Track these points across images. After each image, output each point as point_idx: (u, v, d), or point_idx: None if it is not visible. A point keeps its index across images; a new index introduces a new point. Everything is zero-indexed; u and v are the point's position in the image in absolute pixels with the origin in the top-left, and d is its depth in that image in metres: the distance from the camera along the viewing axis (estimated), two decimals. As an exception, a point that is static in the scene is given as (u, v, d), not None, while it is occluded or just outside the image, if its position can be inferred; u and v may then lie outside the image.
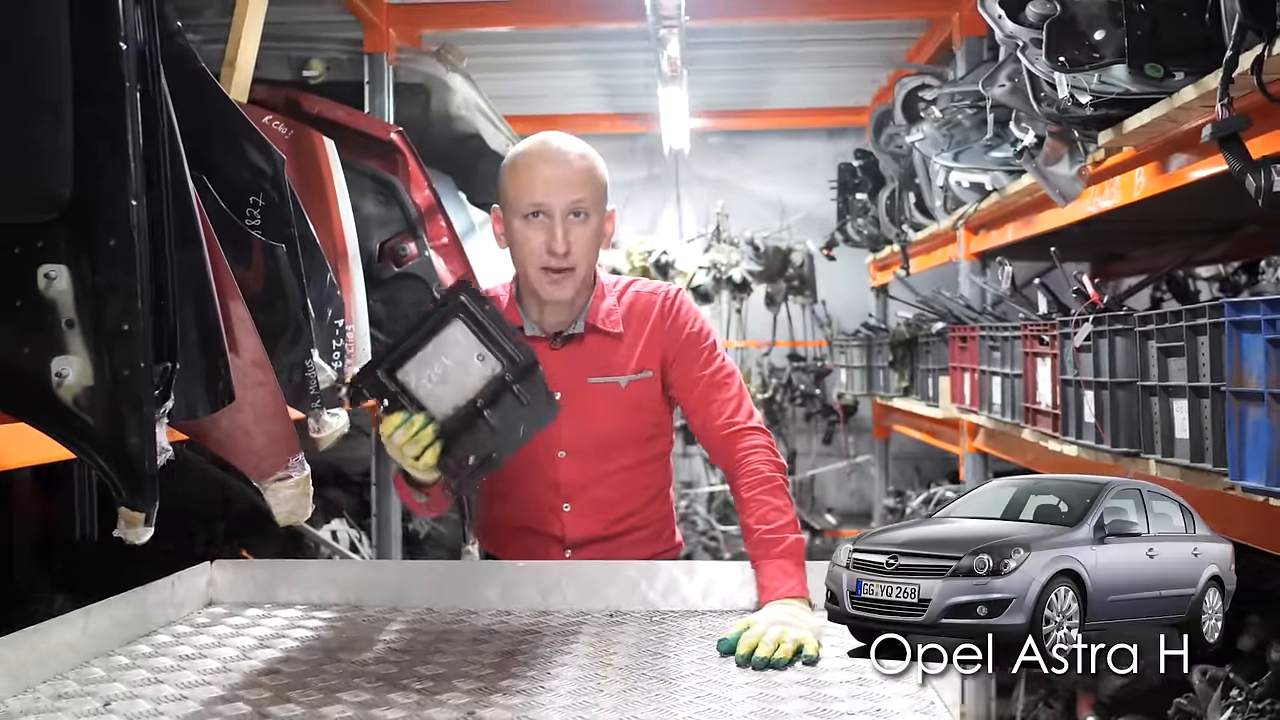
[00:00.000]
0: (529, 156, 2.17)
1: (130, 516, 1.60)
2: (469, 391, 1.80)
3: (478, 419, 1.81)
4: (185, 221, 1.75)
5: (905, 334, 5.68)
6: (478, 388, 1.80)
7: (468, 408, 1.81)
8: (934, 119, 4.03)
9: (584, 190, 2.15)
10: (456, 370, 1.80)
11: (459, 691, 1.61)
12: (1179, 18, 2.33)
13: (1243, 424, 2.00)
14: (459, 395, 1.80)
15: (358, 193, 3.74)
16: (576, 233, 2.14)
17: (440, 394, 1.80)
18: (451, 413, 1.81)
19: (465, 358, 1.80)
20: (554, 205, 2.13)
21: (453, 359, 1.80)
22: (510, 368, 1.80)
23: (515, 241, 2.17)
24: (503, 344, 1.80)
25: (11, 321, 1.54)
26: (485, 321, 1.79)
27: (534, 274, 2.16)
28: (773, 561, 1.99)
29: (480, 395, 1.80)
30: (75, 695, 1.60)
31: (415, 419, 1.80)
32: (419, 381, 1.80)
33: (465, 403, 1.81)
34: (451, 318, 1.79)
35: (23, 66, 1.49)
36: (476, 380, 1.80)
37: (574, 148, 2.19)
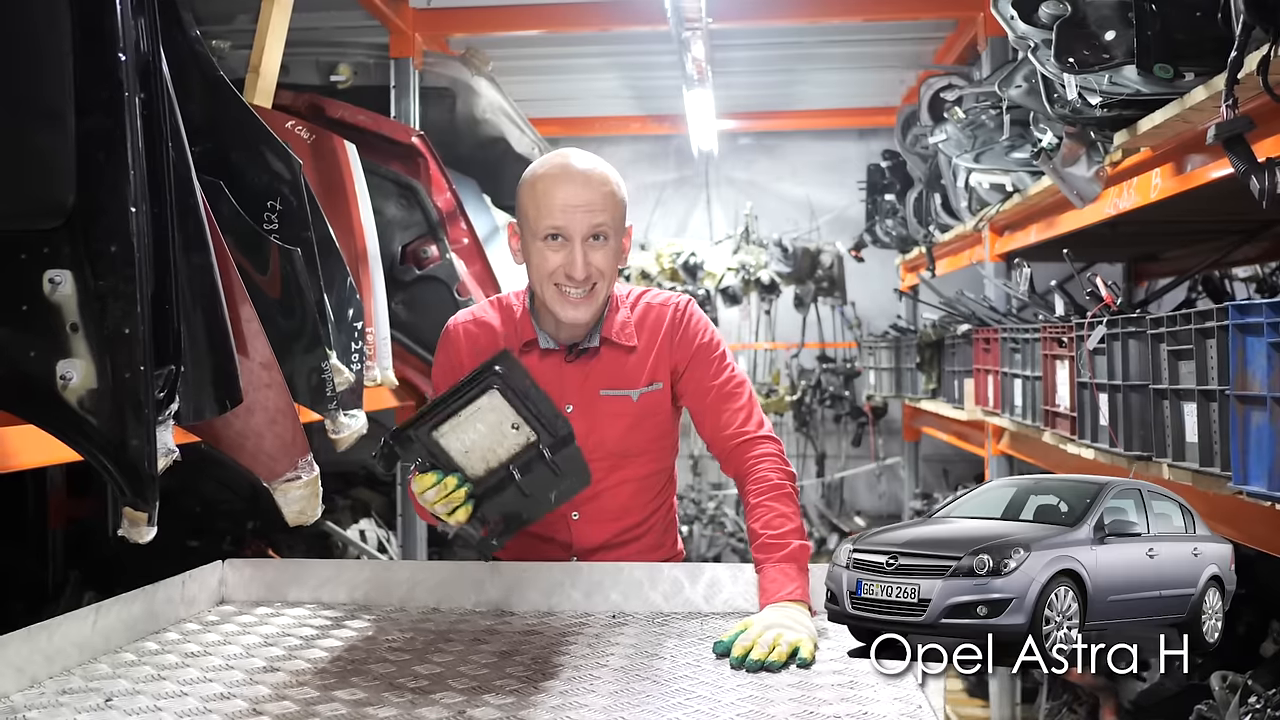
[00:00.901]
0: (548, 179, 2.15)
1: (134, 516, 1.64)
2: (503, 456, 1.81)
3: (510, 483, 1.81)
4: (192, 227, 1.78)
5: (932, 336, 5.65)
6: (512, 454, 1.81)
7: (501, 469, 1.81)
8: (957, 119, 4.01)
9: (604, 214, 2.14)
10: (491, 436, 1.80)
11: (453, 691, 1.63)
12: (1189, 18, 2.31)
13: (1246, 428, 1.98)
14: (493, 457, 1.81)
15: (380, 196, 3.79)
16: (596, 255, 2.13)
17: (474, 455, 1.81)
18: (484, 474, 1.81)
19: (500, 425, 1.79)
20: (574, 230, 2.12)
21: (488, 425, 1.79)
22: (546, 439, 1.80)
23: (532, 261, 2.16)
24: (540, 416, 1.79)
25: (18, 325, 1.58)
26: (521, 392, 1.79)
27: (551, 293, 2.15)
28: (775, 565, 2.00)
29: (513, 460, 1.80)
30: (79, 691, 1.64)
31: (448, 480, 1.80)
32: (453, 444, 1.80)
33: (499, 464, 1.81)
34: (489, 387, 1.78)
35: (26, 77, 1.52)
36: (511, 447, 1.80)
37: (594, 169, 2.16)
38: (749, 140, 8.34)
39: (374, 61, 4.88)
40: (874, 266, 7.56)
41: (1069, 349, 3.14)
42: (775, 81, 7.02)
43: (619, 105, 7.42)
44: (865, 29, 5.94)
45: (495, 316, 2.28)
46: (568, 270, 2.12)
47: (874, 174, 6.74)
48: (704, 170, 8.35)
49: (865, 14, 5.47)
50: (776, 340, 8.25)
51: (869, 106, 7.44)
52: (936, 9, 5.48)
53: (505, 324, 2.26)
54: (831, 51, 6.39)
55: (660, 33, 5.25)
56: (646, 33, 5.53)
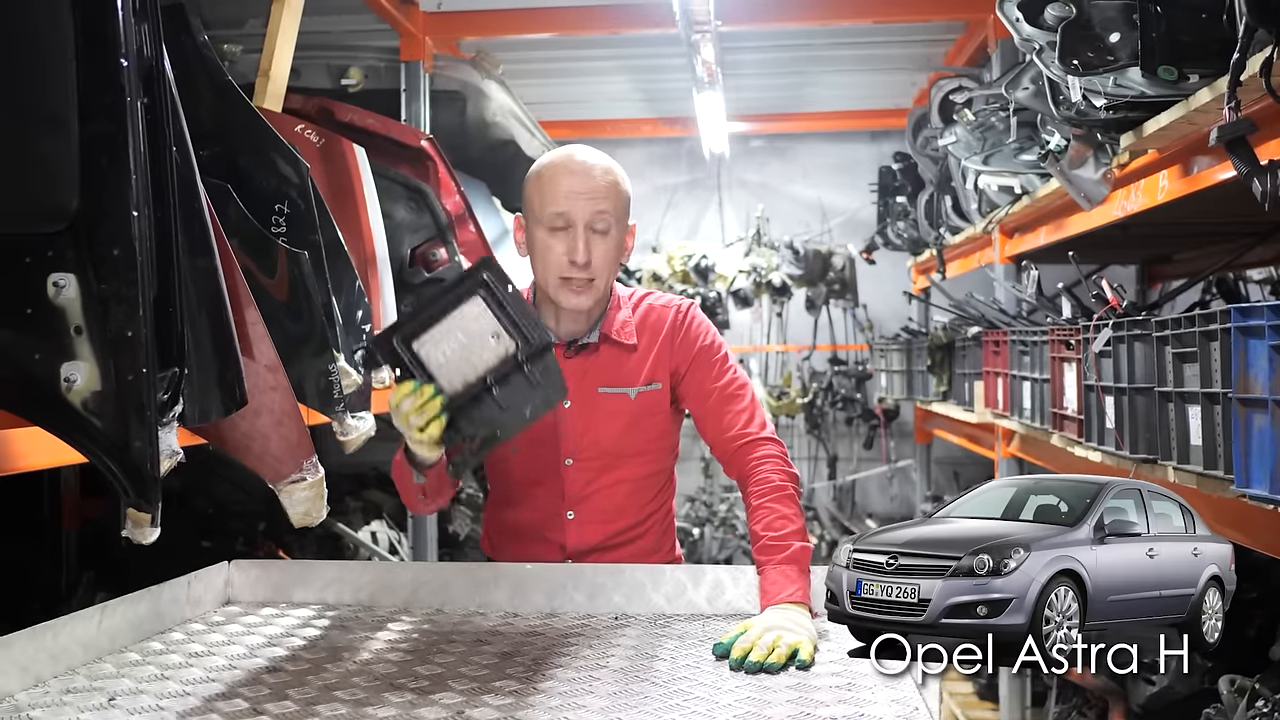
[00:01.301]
0: (554, 168, 2.19)
1: (137, 517, 1.65)
2: (481, 368, 1.82)
3: (486, 396, 1.82)
4: (196, 231, 1.79)
5: (943, 338, 5.64)
6: (490, 365, 1.82)
7: (478, 384, 1.83)
8: (966, 121, 4.00)
9: (607, 203, 2.17)
10: (471, 346, 1.82)
11: (452, 691, 1.64)
12: (1194, 20, 2.30)
13: (1248, 431, 1.98)
14: (470, 371, 1.83)
15: (389, 199, 3.80)
16: (598, 244, 2.16)
17: (452, 368, 1.82)
18: (461, 388, 1.83)
19: (481, 334, 1.81)
20: (577, 216, 2.15)
21: (468, 334, 1.82)
22: (524, 348, 1.81)
23: (536, 250, 2.19)
24: (520, 324, 1.81)
25: (24, 328, 1.60)
26: (505, 301, 1.81)
27: (554, 282, 2.18)
28: (776, 567, 2.00)
29: (491, 373, 1.82)
30: (83, 690, 1.65)
31: (425, 389, 1.82)
32: (433, 353, 1.82)
33: (476, 379, 1.83)
34: (472, 293, 1.80)
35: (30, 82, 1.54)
36: (490, 357, 1.82)
37: (599, 161, 2.20)
38: (761, 142, 8.33)
39: (385, 65, 4.90)
40: (886, 269, 7.55)
41: (1076, 351, 3.13)
42: (786, 84, 7.01)
43: (630, 108, 7.43)
44: (876, 31, 5.93)
45: None
46: (571, 256, 2.14)
47: (885, 176, 6.74)
48: (716, 173, 8.35)
49: (875, 16, 5.46)
50: (788, 343, 8.25)
51: (881, 109, 7.43)
52: (947, 11, 5.47)
53: None
54: (842, 54, 6.38)
55: (670, 35, 5.26)
56: (656, 35, 5.53)
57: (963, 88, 4.92)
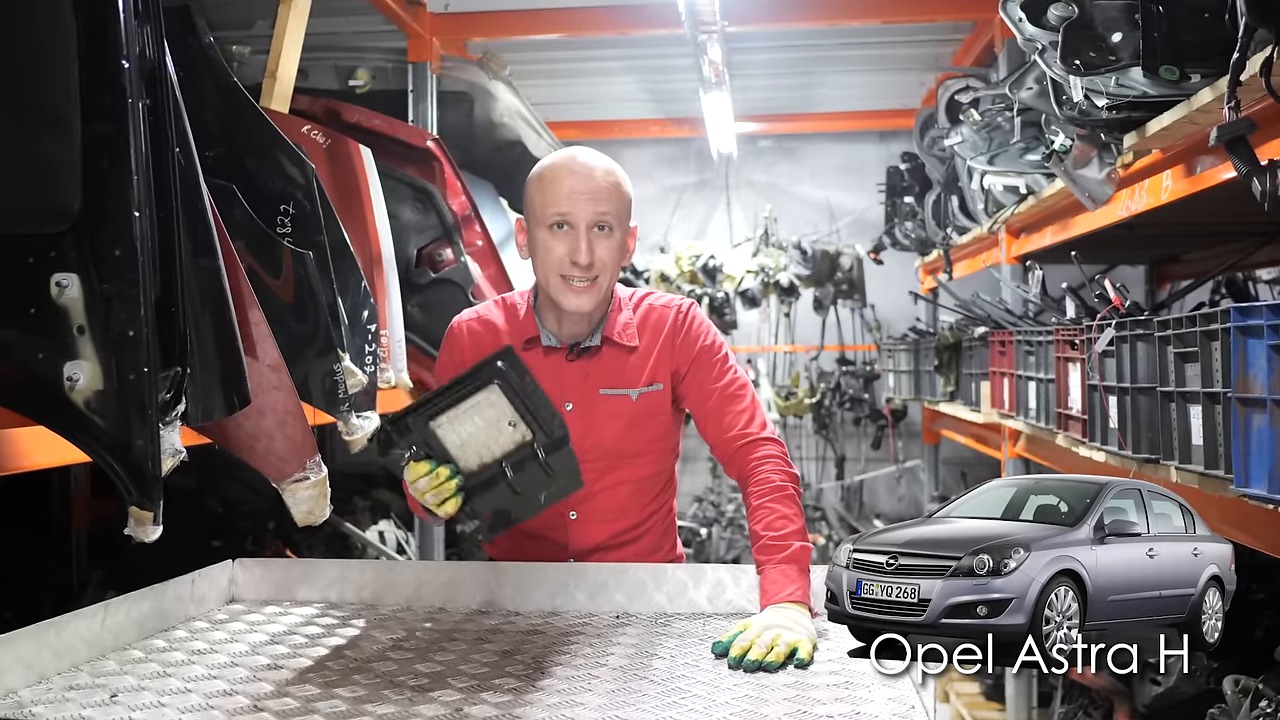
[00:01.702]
0: (555, 169, 2.19)
1: (139, 515, 1.67)
2: (497, 452, 1.82)
3: (501, 479, 1.83)
4: (199, 231, 1.81)
5: (949, 339, 5.63)
6: (506, 450, 1.82)
7: (493, 465, 1.83)
8: (972, 122, 4.01)
9: (608, 204, 2.17)
10: (488, 431, 1.82)
11: (452, 689, 1.65)
12: (1196, 20, 2.30)
13: (1248, 431, 1.98)
14: (487, 454, 1.83)
15: (395, 200, 3.82)
16: (600, 245, 2.16)
17: (469, 450, 1.82)
18: (477, 469, 1.83)
19: (498, 421, 1.81)
20: (578, 217, 2.15)
21: (485, 420, 1.81)
22: (541, 439, 1.81)
23: (538, 251, 2.20)
24: (538, 415, 1.81)
25: (27, 328, 1.61)
26: (522, 391, 1.80)
27: (555, 283, 2.18)
28: (775, 567, 2.00)
29: (507, 457, 1.82)
30: (86, 687, 1.66)
31: (441, 470, 1.82)
32: (449, 434, 1.82)
33: (492, 461, 1.83)
34: (490, 382, 1.80)
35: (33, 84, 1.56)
36: (506, 444, 1.82)
37: (600, 162, 2.20)
38: (769, 143, 8.33)
39: (392, 66, 4.92)
40: (893, 269, 7.54)
41: (1080, 351, 3.13)
42: (794, 84, 7.02)
43: (638, 109, 7.44)
44: (883, 31, 5.93)
45: (499, 315, 2.30)
46: (573, 257, 2.15)
47: (893, 176, 6.73)
48: (724, 173, 8.36)
49: (883, 16, 5.46)
50: (796, 343, 8.25)
51: (889, 109, 7.42)
52: (954, 11, 5.46)
53: (509, 322, 2.28)
54: (850, 54, 6.38)
55: (678, 36, 5.27)
56: (664, 36, 5.54)
57: (969, 88, 4.92)
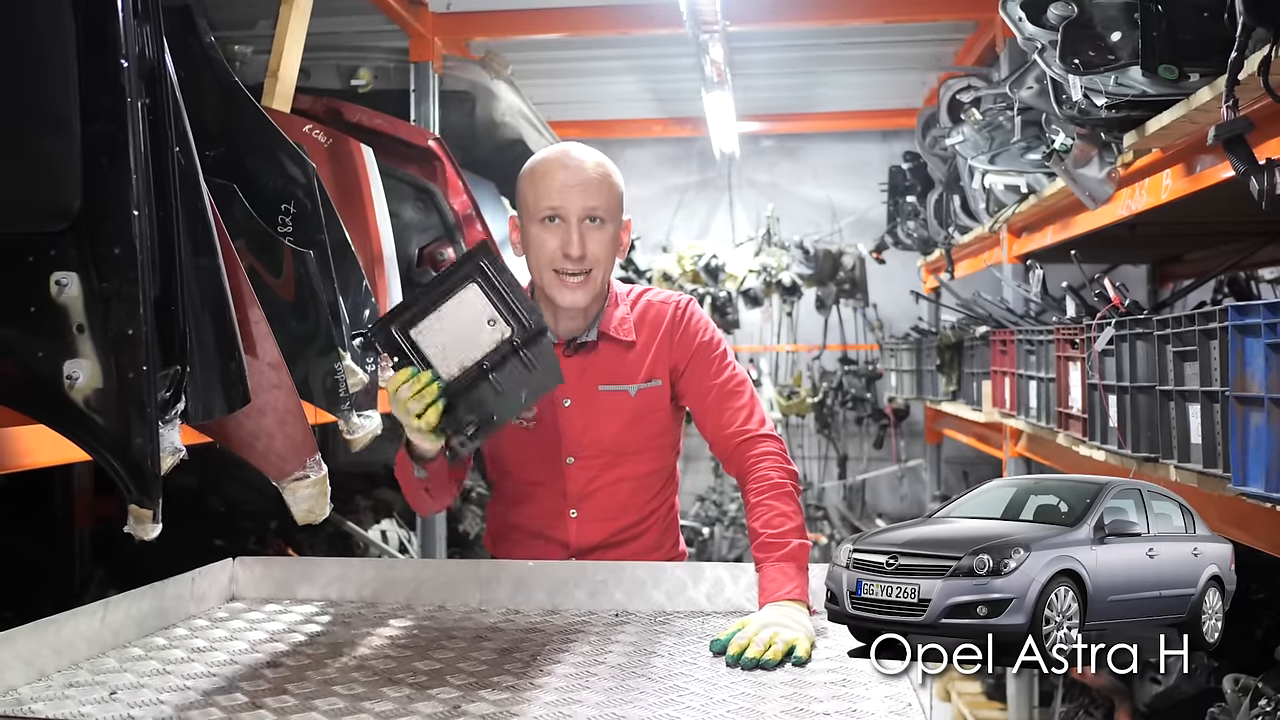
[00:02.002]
0: (546, 164, 2.20)
1: (138, 513, 1.67)
2: (477, 353, 1.86)
3: (483, 380, 1.86)
4: (199, 230, 1.81)
5: (951, 338, 5.63)
6: (486, 350, 1.85)
7: (474, 369, 1.86)
8: (974, 121, 4.00)
9: (599, 197, 2.18)
10: (467, 332, 1.85)
11: (450, 686, 1.65)
12: (1195, 19, 2.30)
13: (1245, 429, 1.98)
14: (467, 356, 1.86)
15: (397, 199, 3.82)
16: (592, 237, 2.17)
17: (449, 354, 1.86)
18: (458, 373, 1.86)
19: (477, 320, 1.85)
20: (570, 210, 2.16)
21: (464, 321, 1.85)
22: (520, 333, 1.84)
23: (531, 246, 2.20)
24: (516, 310, 1.84)
25: (27, 326, 1.62)
26: (500, 286, 1.84)
27: (549, 278, 2.19)
28: (774, 564, 2.01)
29: (488, 358, 1.85)
30: (85, 684, 1.67)
31: (422, 375, 1.86)
32: (429, 340, 1.86)
33: (472, 364, 1.86)
34: (468, 280, 1.83)
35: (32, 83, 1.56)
36: (486, 343, 1.85)
37: (590, 156, 2.21)
38: (771, 142, 8.33)
39: (394, 65, 4.92)
40: (896, 268, 7.54)
41: (1080, 351, 3.13)
42: (796, 84, 7.01)
43: (640, 108, 7.44)
44: (885, 30, 5.93)
45: None
46: (565, 249, 2.15)
47: (895, 176, 6.72)
48: (726, 172, 8.35)
49: (885, 15, 5.45)
50: (798, 342, 8.25)
51: (891, 108, 7.42)
52: (956, 10, 5.46)
53: None
54: (852, 53, 6.38)
55: (680, 35, 5.27)
56: (666, 36, 5.54)
57: (971, 87, 4.91)
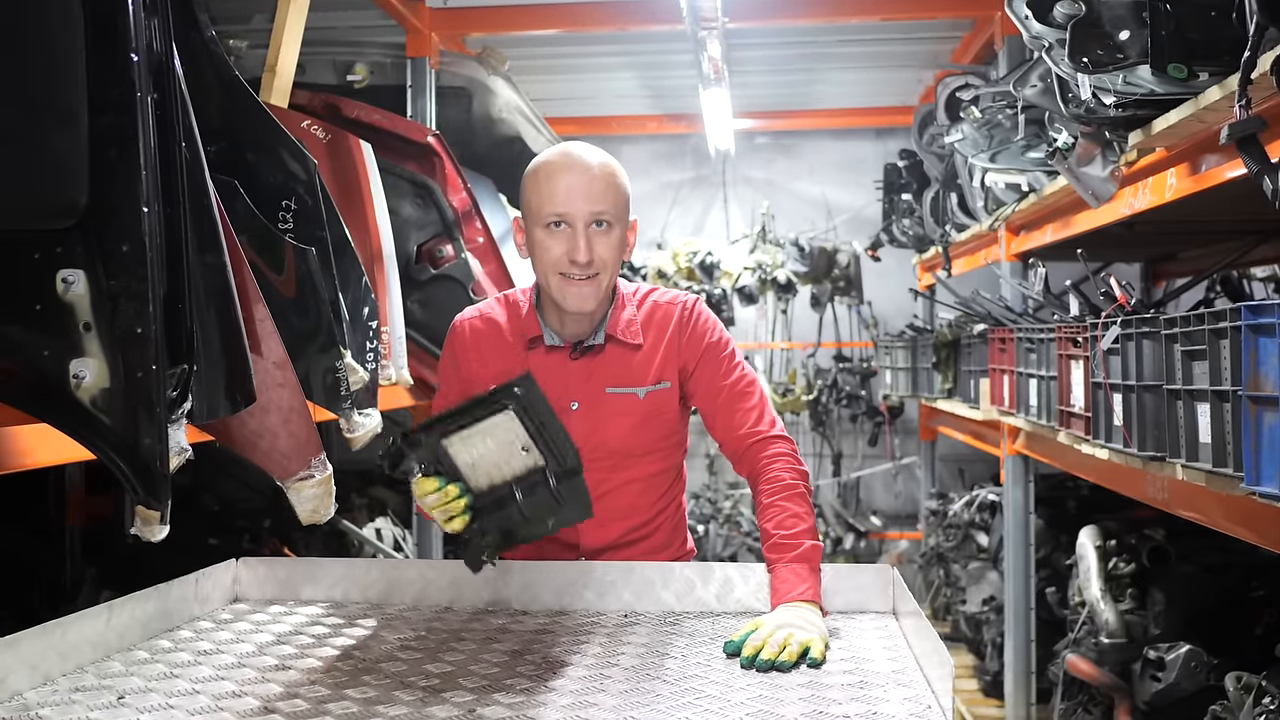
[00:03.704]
0: (551, 166, 2.16)
1: (146, 514, 1.65)
2: (508, 475, 1.82)
3: (510, 502, 1.82)
4: (205, 227, 1.79)
5: (948, 335, 5.63)
6: (518, 473, 1.81)
7: (504, 488, 1.82)
8: (973, 119, 3.99)
9: (606, 201, 2.14)
10: (500, 453, 1.80)
11: (463, 689, 1.63)
12: (1204, 18, 2.29)
13: (1259, 429, 1.97)
14: (498, 475, 1.82)
15: (395, 195, 3.80)
16: (599, 242, 2.13)
17: (480, 470, 1.81)
18: (486, 489, 1.82)
19: (512, 445, 1.80)
20: (576, 214, 2.12)
21: (498, 442, 1.80)
22: (555, 467, 1.80)
23: (537, 250, 2.17)
24: (552, 444, 1.79)
25: (32, 324, 1.59)
26: (539, 418, 1.79)
27: (555, 283, 2.15)
28: (787, 565, 1.99)
29: (518, 481, 1.81)
30: (92, 688, 1.65)
31: (450, 489, 1.81)
32: (461, 453, 1.81)
33: (502, 483, 1.82)
34: (505, 407, 1.78)
35: (40, 77, 1.54)
36: (518, 468, 1.81)
37: (596, 158, 2.17)
38: (766, 139, 8.32)
39: (390, 61, 4.89)
40: (891, 266, 7.54)
41: (1084, 349, 3.13)
42: (792, 81, 7.00)
43: (636, 104, 7.42)
44: (882, 28, 5.92)
45: (502, 313, 2.29)
46: (571, 255, 2.12)
47: (891, 173, 6.72)
48: (721, 169, 8.34)
49: (882, 13, 5.45)
50: (793, 340, 8.24)
51: (886, 106, 7.42)
52: (954, 8, 5.46)
53: (511, 321, 2.26)
54: (848, 51, 6.37)
55: (676, 32, 5.25)
56: (663, 32, 5.53)
57: (969, 85, 4.90)
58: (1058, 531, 4.96)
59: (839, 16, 5.47)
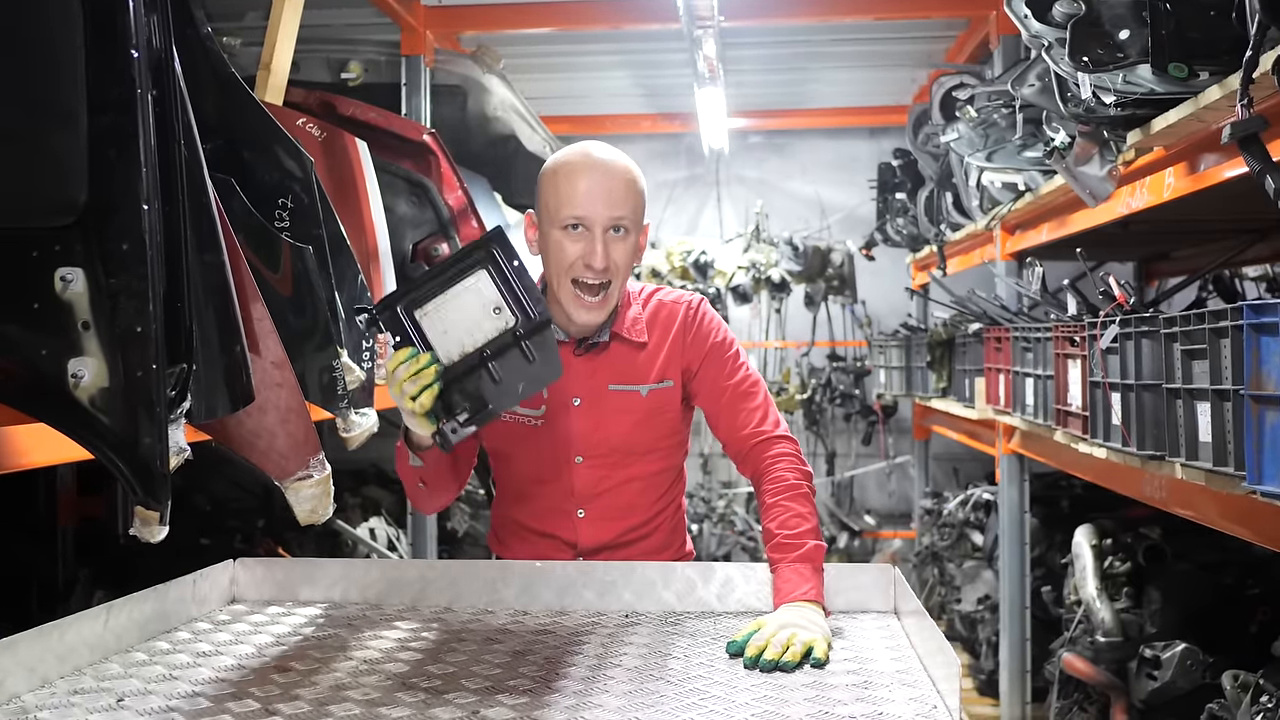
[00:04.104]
0: (571, 166, 2.12)
1: (145, 515, 1.63)
2: (479, 340, 1.83)
3: (481, 368, 1.84)
4: (204, 225, 1.78)
5: (943, 335, 5.64)
6: (488, 338, 1.83)
7: (474, 356, 1.84)
8: (969, 118, 3.99)
9: (625, 206, 2.11)
10: (471, 318, 1.83)
11: (466, 691, 1.62)
12: (1204, 17, 2.29)
13: (1261, 428, 1.97)
14: (468, 342, 1.84)
15: (391, 194, 3.78)
16: (616, 248, 2.11)
17: (450, 338, 1.84)
18: (458, 358, 1.84)
19: (483, 307, 1.82)
20: (595, 220, 2.09)
21: (470, 306, 1.82)
22: (524, 323, 1.82)
23: (551, 252, 2.14)
24: (522, 299, 1.82)
25: (30, 323, 1.58)
26: (510, 274, 1.81)
27: (566, 289, 2.13)
28: (789, 565, 1.99)
29: (489, 345, 1.83)
30: (91, 691, 1.63)
31: (421, 357, 1.83)
32: (433, 323, 1.83)
33: (473, 350, 1.84)
34: (478, 266, 1.81)
35: (39, 75, 1.52)
36: (489, 330, 1.83)
37: (617, 160, 2.14)
38: (759, 139, 8.31)
39: (385, 59, 4.88)
40: (885, 265, 7.54)
41: (1081, 348, 3.13)
42: (786, 80, 7.00)
43: (630, 103, 7.41)
44: (876, 27, 5.92)
45: None
46: (587, 260, 2.09)
47: (885, 172, 6.73)
48: (714, 168, 8.33)
49: (877, 12, 5.45)
50: (787, 339, 8.24)
51: (880, 105, 7.41)
52: (948, 8, 5.46)
53: None
54: (842, 50, 6.37)
55: (671, 30, 5.25)
56: (657, 30, 5.53)
57: (964, 84, 4.90)
58: (1052, 530, 4.97)
59: (834, 15, 5.47)
